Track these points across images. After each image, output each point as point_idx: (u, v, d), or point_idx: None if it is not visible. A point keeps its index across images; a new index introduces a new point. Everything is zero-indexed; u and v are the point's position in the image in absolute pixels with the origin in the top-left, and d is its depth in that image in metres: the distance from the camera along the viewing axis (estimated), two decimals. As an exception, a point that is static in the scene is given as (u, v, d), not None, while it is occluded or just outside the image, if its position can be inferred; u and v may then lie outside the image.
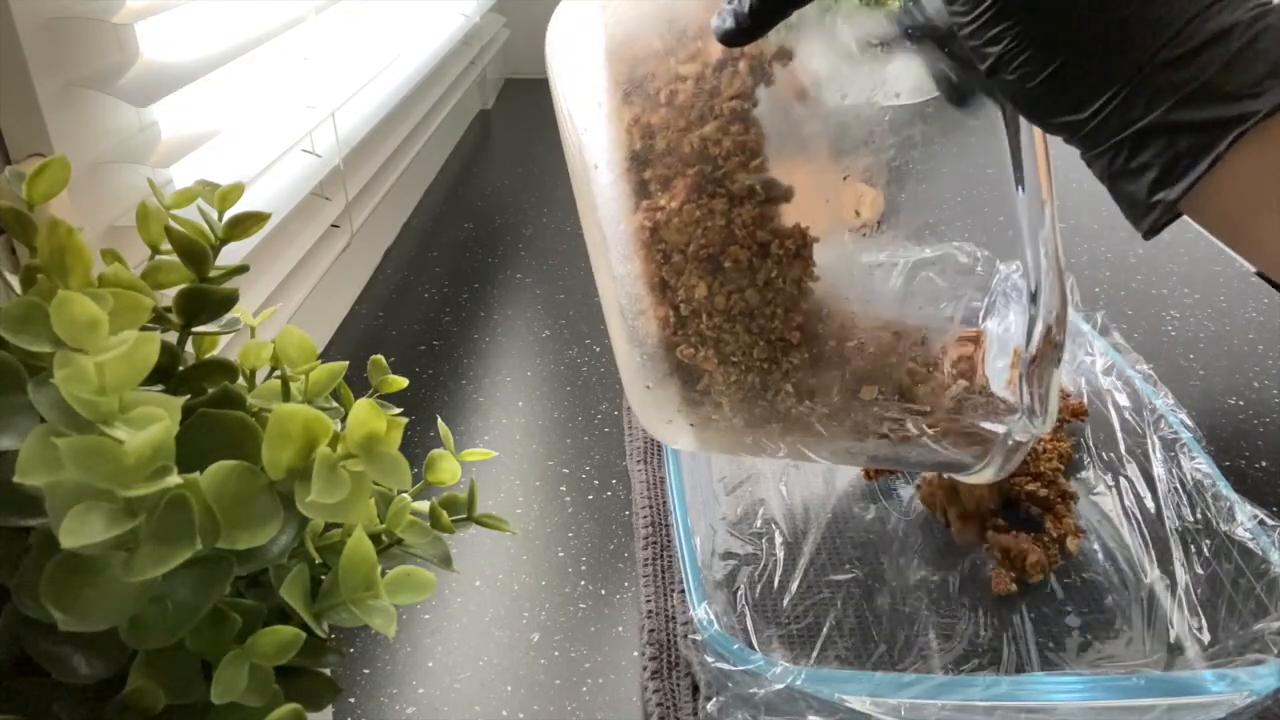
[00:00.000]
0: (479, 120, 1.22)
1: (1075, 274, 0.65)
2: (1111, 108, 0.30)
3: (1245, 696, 0.35)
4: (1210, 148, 0.29)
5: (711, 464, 0.56)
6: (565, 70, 0.39)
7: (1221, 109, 0.28)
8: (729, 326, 0.38)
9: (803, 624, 0.46)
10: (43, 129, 0.39)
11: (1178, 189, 0.30)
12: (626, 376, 0.42)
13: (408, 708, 0.43)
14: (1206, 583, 0.44)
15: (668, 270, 0.38)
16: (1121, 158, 0.31)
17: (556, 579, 0.50)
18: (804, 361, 0.39)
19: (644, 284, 0.39)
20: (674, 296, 0.39)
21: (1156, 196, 0.31)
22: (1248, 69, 0.28)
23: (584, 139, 0.38)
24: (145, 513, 0.22)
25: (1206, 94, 0.29)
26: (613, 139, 0.38)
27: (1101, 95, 0.30)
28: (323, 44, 0.68)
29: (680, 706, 0.42)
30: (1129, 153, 0.30)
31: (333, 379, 0.32)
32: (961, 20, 0.32)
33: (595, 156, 0.38)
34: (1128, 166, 0.31)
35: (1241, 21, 0.28)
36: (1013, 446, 0.41)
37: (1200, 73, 0.29)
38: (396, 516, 0.30)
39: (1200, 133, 0.29)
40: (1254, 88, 0.28)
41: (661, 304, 0.39)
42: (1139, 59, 0.29)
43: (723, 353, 0.39)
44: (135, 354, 0.23)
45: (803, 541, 0.50)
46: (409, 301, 0.77)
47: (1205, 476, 0.46)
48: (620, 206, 0.38)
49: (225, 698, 0.24)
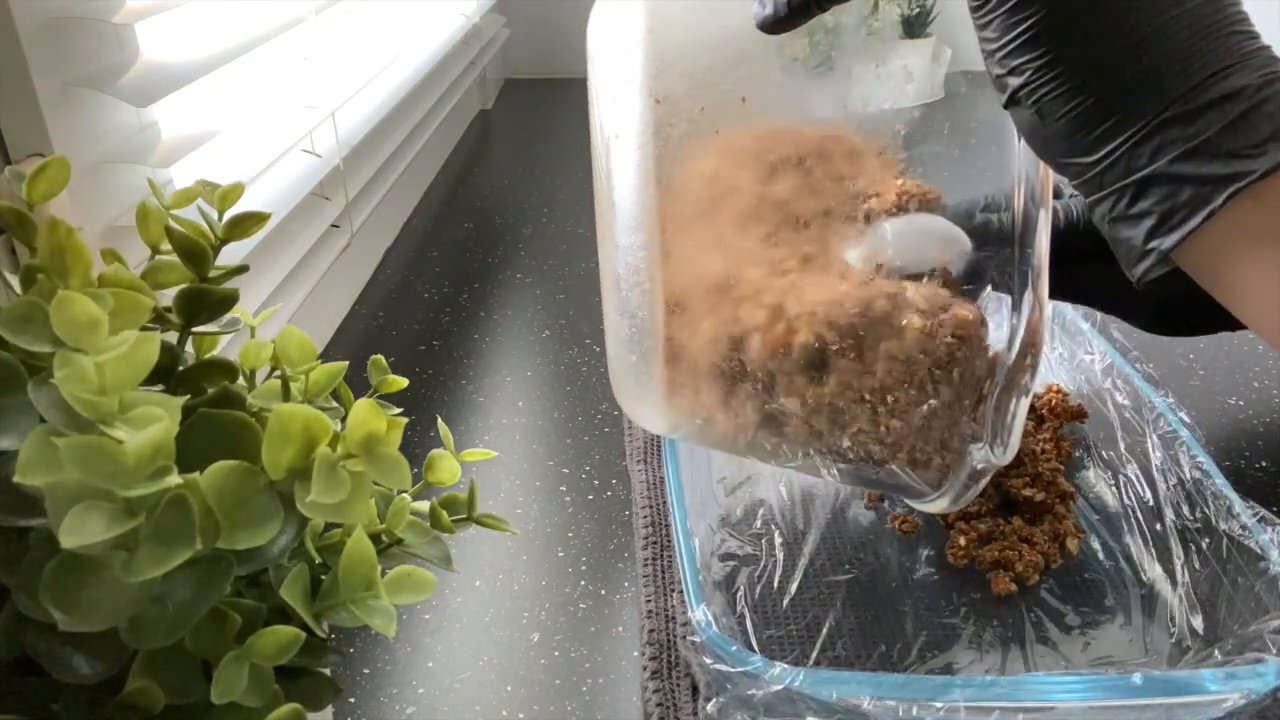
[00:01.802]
0: (479, 120, 1.22)
1: (1075, 274, 0.65)
2: (1120, 154, 0.31)
3: (1245, 695, 0.35)
4: (1207, 201, 0.30)
5: (711, 464, 0.56)
6: (601, 46, 0.40)
7: (1221, 166, 0.29)
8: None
9: (802, 625, 0.46)
10: (43, 129, 0.39)
11: (1172, 239, 0.31)
12: (612, 348, 0.42)
13: (408, 708, 0.43)
14: (1206, 581, 0.44)
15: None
16: (1123, 203, 0.32)
17: (556, 579, 0.50)
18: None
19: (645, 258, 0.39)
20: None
21: (1151, 244, 0.31)
22: (1252, 130, 0.29)
23: (606, 110, 0.39)
24: (145, 513, 0.22)
25: (1209, 150, 0.30)
26: (636, 110, 0.38)
27: (1114, 140, 0.31)
28: (323, 44, 0.68)
29: (680, 707, 0.42)
30: (1130, 200, 0.31)
31: (333, 379, 0.32)
32: (990, 45, 0.32)
33: (616, 126, 0.39)
34: (1128, 213, 0.32)
35: (1251, 85, 0.29)
36: (971, 476, 0.40)
37: (1206, 129, 0.29)
38: (396, 516, 0.30)
39: (1199, 185, 0.30)
40: (1255, 148, 0.29)
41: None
42: (1153, 109, 0.30)
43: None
44: (135, 354, 0.23)
45: (802, 542, 0.50)
46: (409, 301, 0.77)
47: (1205, 475, 0.46)
48: (637, 176, 0.38)
49: (225, 698, 0.24)
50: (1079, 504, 0.52)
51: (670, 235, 0.39)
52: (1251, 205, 0.29)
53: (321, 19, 0.63)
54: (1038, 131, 0.32)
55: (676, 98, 0.38)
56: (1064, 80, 0.31)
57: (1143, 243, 0.32)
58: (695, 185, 0.40)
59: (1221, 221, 0.30)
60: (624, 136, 0.38)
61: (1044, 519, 0.50)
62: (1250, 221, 0.30)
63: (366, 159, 0.74)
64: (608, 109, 0.39)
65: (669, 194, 0.39)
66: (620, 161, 0.39)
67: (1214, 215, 0.30)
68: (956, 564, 0.48)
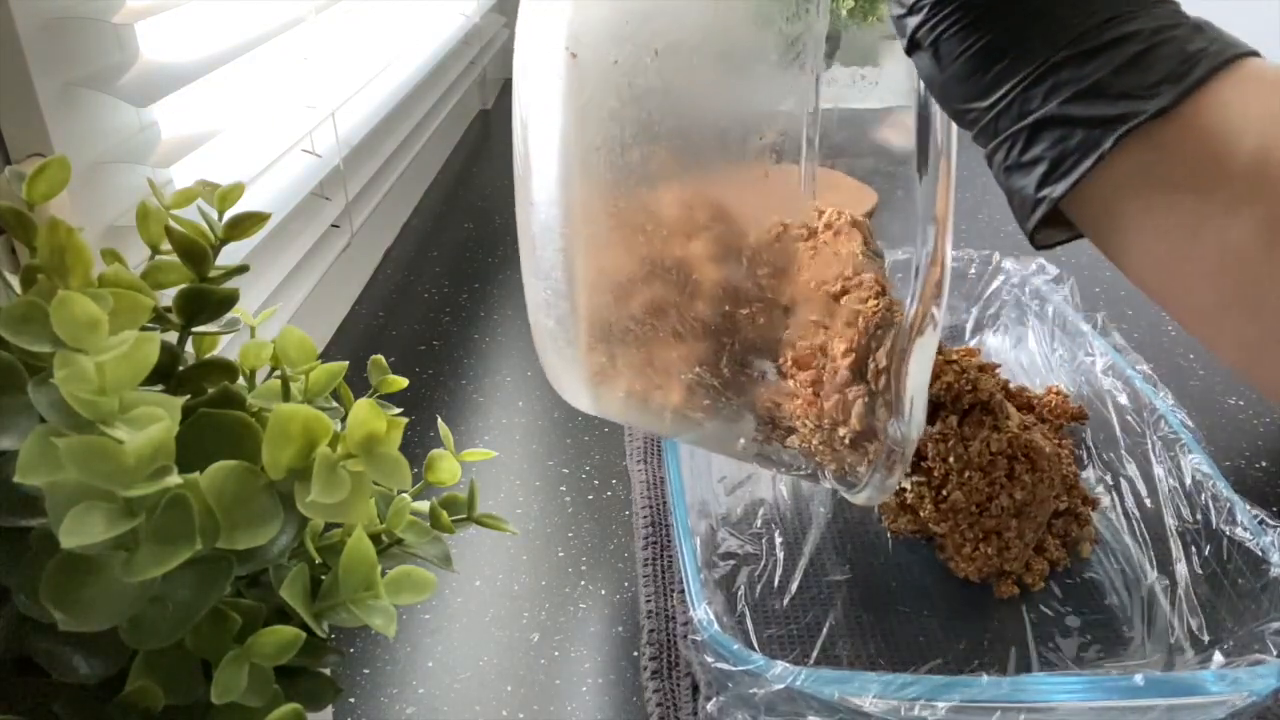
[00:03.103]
0: (479, 120, 1.22)
1: (1075, 274, 0.65)
2: (1013, 96, 0.30)
3: (1245, 696, 0.35)
4: (1098, 145, 0.29)
5: (711, 464, 0.56)
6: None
7: (1112, 107, 0.28)
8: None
9: (803, 624, 0.46)
10: (43, 129, 0.39)
11: (1062, 186, 0.30)
12: (531, 315, 0.41)
13: (408, 708, 0.43)
14: (1206, 583, 0.44)
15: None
16: (1016, 150, 0.31)
17: (556, 579, 0.50)
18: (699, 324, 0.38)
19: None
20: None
21: (1043, 193, 0.30)
22: (1146, 70, 0.28)
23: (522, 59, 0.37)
24: (145, 513, 0.22)
25: (1101, 91, 0.29)
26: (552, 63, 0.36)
27: (1007, 82, 0.30)
28: (323, 44, 0.68)
29: (680, 706, 0.42)
30: (1023, 146, 0.30)
31: (333, 379, 0.32)
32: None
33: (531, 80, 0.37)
34: (1020, 160, 0.31)
35: (1149, 28, 0.29)
36: (887, 461, 0.39)
37: (1099, 69, 0.29)
38: (396, 516, 0.30)
39: (1090, 128, 0.29)
40: (1148, 89, 0.28)
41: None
42: (1047, 51, 0.29)
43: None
44: (135, 354, 0.23)
45: (803, 541, 0.50)
46: (409, 301, 0.77)
47: (1205, 476, 0.46)
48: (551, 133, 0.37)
49: (225, 698, 0.24)
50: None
51: (585, 193, 0.38)
52: (1143, 150, 0.28)
53: (321, 19, 0.63)
54: (935, 76, 0.32)
55: (591, 53, 0.36)
56: (960, 17, 0.30)
57: (1034, 191, 0.31)
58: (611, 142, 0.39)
59: (1112, 168, 0.29)
60: (538, 90, 0.37)
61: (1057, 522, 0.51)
62: (1141, 167, 0.29)
63: (366, 159, 0.74)
64: (523, 57, 0.37)
65: (585, 150, 0.37)
66: (535, 117, 0.37)
67: (1104, 159, 0.29)
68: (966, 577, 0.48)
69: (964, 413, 0.48)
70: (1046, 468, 0.47)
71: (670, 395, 0.41)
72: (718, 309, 0.39)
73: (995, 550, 0.47)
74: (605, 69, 0.36)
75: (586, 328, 0.40)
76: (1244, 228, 0.27)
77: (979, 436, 0.47)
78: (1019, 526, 0.47)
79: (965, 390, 0.47)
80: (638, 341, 0.39)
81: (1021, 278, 0.66)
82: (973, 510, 0.46)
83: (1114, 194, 0.30)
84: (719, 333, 0.39)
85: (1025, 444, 0.47)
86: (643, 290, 0.39)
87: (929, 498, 0.46)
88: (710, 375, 0.40)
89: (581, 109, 0.36)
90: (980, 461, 0.46)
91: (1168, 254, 0.29)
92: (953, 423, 0.47)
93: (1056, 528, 0.50)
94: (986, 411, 0.48)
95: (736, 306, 0.39)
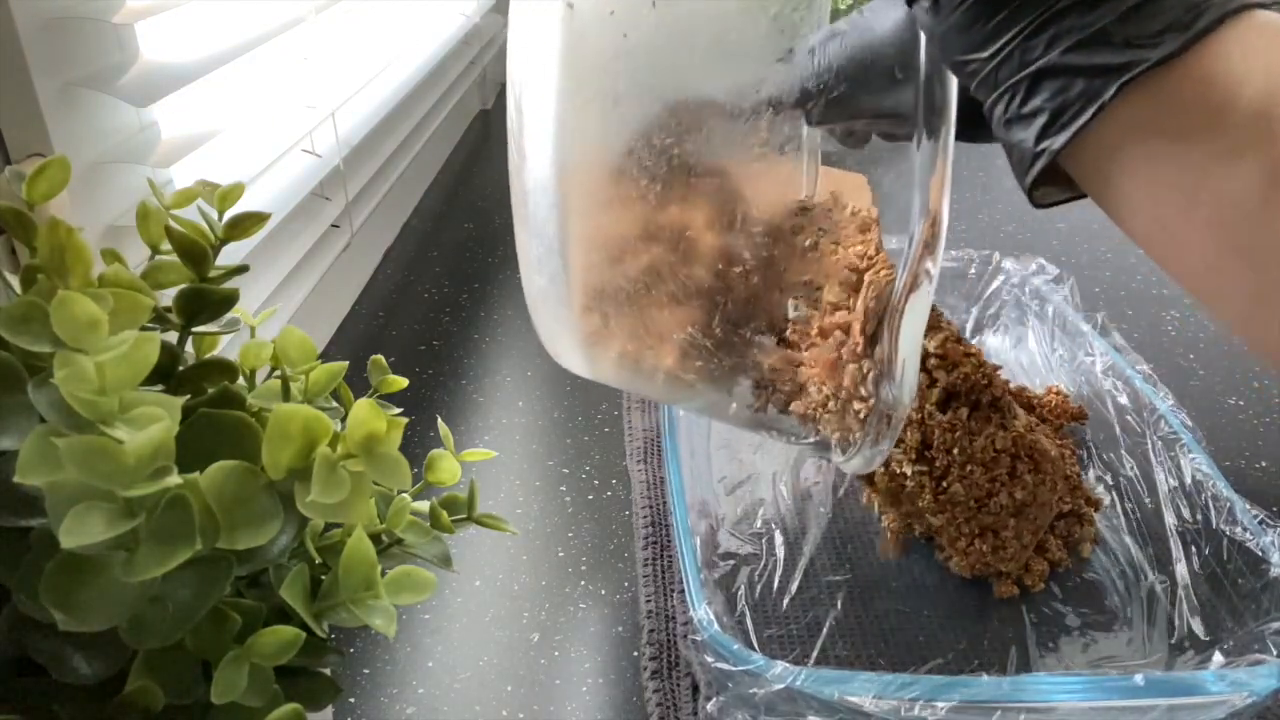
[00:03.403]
0: (479, 120, 1.22)
1: (1075, 274, 0.65)
2: (1014, 46, 0.30)
3: (1245, 696, 0.35)
4: (1099, 95, 0.28)
5: (712, 464, 0.56)
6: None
7: (1115, 55, 0.28)
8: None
9: (803, 624, 0.46)
10: (43, 129, 0.39)
11: (1063, 137, 0.29)
12: (524, 273, 0.40)
13: (408, 708, 0.43)
14: (1206, 583, 0.44)
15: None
16: (1016, 102, 0.30)
17: (556, 579, 0.50)
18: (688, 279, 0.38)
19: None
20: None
21: (1042, 145, 0.30)
22: (1150, 18, 0.28)
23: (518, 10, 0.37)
24: (145, 513, 0.22)
25: (1104, 39, 0.28)
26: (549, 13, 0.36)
27: (1008, 32, 0.29)
28: (323, 44, 0.68)
29: (680, 706, 0.42)
30: (1024, 97, 0.30)
31: (333, 379, 0.32)
32: None
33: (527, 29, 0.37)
34: (1020, 111, 0.30)
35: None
36: (881, 427, 0.38)
37: (1102, 18, 0.28)
38: (396, 516, 0.30)
39: (1092, 78, 0.28)
40: (1151, 38, 0.28)
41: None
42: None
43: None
44: (135, 354, 0.23)
45: (803, 541, 0.50)
46: (409, 301, 0.77)
47: (1205, 476, 0.46)
48: (547, 85, 0.36)
49: (225, 698, 0.24)
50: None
51: (580, 147, 0.37)
52: (1145, 99, 0.28)
53: (321, 19, 0.63)
54: (935, 28, 0.31)
55: (589, 3, 0.35)
56: None
57: (1034, 144, 0.30)
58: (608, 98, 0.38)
59: (1113, 118, 0.28)
60: (534, 43, 0.36)
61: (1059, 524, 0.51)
62: (1143, 118, 0.28)
63: (366, 159, 0.74)
64: (519, 6, 0.37)
65: (580, 102, 0.36)
66: (529, 68, 0.37)
67: (1104, 110, 0.28)
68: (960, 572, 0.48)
69: (973, 406, 0.48)
70: (1050, 470, 0.47)
71: (664, 357, 0.40)
72: (711, 267, 0.39)
73: (990, 548, 0.46)
74: (602, 19, 0.36)
75: (579, 285, 0.39)
76: (1244, 177, 0.27)
77: (985, 432, 0.47)
78: (1017, 526, 0.47)
79: (982, 383, 0.47)
80: (631, 300, 0.39)
81: (1021, 278, 0.66)
82: (971, 505, 0.46)
83: (1115, 145, 0.29)
84: (712, 292, 0.39)
85: (1030, 445, 0.47)
86: (636, 247, 0.39)
87: (929, 488, 0.46)
88: (703, 336, 0.39)
89: (577, 60, 0.36)
90: (984, 457, 0.46)
91: (1168, 206, 0.29)
92: (963, 414, 0.47)
93: (1059, 529, 0.50)
94: (995, 408, 0.48)
95: (730, 265, 0.39)
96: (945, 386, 0.46)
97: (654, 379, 0.42)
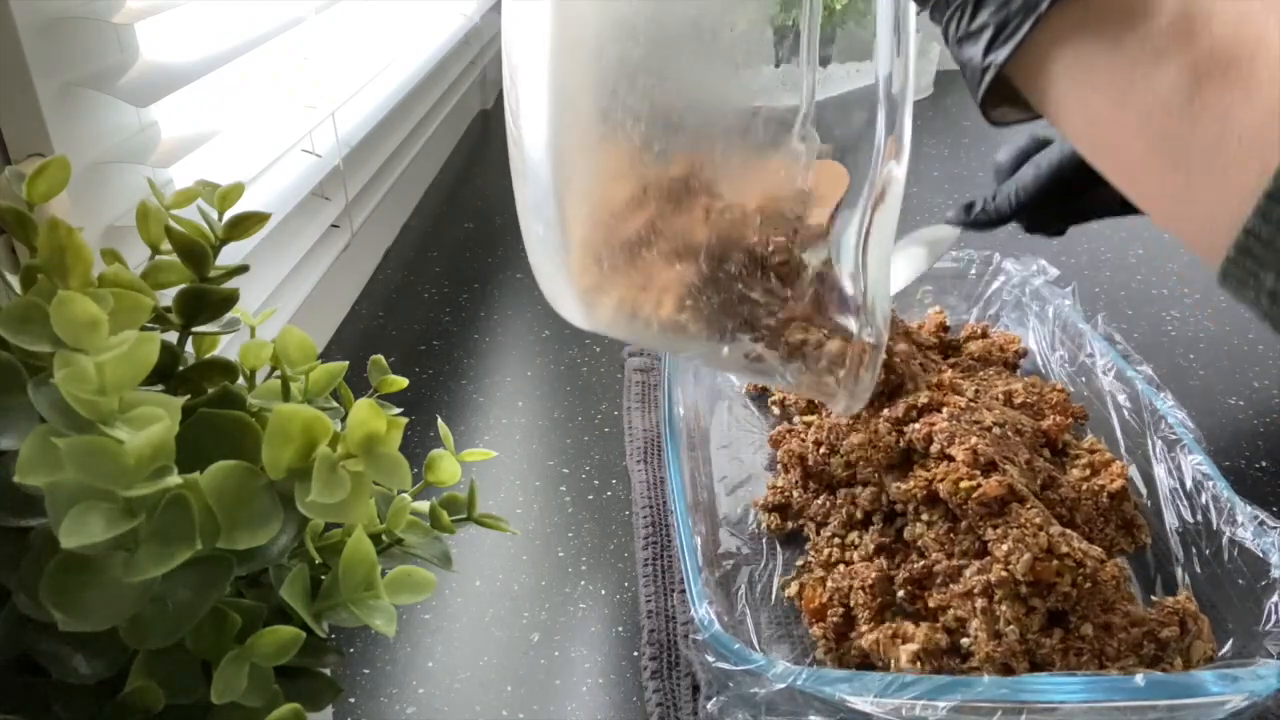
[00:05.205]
0: (479, 120, 1.22)
1: (1075, 274, 0.65)
2: None
3: (1245, 697, 0.35)
4: (1035, 7, 0.30)
5: (712, 464, 0.56)
6: None
7: None
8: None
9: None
10: (43, 129, 0.39)
11: (1005, 51, 0.31)
12: (522, 221, 0.41)
13: (408, 708, 0.43)
14: (1207, 584, 0.44)
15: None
16: (965, 19, 0.32)
17: (556, 579, 0.50)
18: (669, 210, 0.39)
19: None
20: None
21: (988, 59, 0.31)
22: None
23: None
24: (145, 513, 0.22)
25: None
26: None
27: None
28: (323, 44, 0.68)
29: (680, 706, 0.42)
30: (971, 14, 0.31)
31: (333, 379, 0.32)
32: None
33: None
34: (969, 29, 0.32)
35: None
36: (857, 359, 0.38)
37: None
38: (396, 516, 0.30)
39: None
40: None
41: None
42: None
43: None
44: (135, 354, 0.23)
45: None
46: (409, 301, 0.77)
47: (1205, 477, 0.46)
48: (541, 31, 0.37)
49: (225, 698, 0.24)
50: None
51: (573, 91, 0.37)
52: (1077, 8, 0.29)
53: (321, 19, 0.63)
54: None
55: None
56: None
57: (981, 59, 0.32)
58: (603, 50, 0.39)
59: (1049, 28, 0.30)
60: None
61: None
62: (1074, 25, 0.30)
63: (366, 159, 0.74)
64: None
65: (572, 45, 0.37)
66: (523, 12, 0.37)
67: (1041, 21, 0.30)
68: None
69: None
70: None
71: (662, 306, 0.41)
72: (696, 207, 0.39)
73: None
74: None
75: (575, 231, 0.39)
76: (1167, 77, 0.28)
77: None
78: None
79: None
80: (625, 245, 0.39)
81: (1021, 278, 0.66)
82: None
83: (1051, 54, 0.30)
84: (697, 230, 0.39)
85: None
86: (626, 190, 0.39)
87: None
88: (692, 274, 0.40)
89: (566, 7, 0.36)
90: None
91: (1101, 109, 0.30)
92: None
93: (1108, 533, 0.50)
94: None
95: (712, 201, 0.39)
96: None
97: (650, 324, 0.42)
